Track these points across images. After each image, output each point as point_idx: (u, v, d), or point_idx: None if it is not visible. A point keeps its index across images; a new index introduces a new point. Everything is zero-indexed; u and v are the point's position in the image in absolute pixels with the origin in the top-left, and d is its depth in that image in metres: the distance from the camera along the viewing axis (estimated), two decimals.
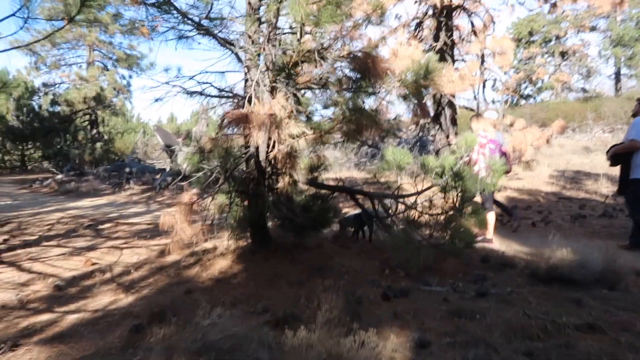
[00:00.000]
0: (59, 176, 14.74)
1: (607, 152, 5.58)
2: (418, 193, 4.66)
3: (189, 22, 4.56)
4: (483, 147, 5.59)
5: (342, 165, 16.09)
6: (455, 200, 4.14)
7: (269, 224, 4.83)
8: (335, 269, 4.06)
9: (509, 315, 3.00)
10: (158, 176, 13.46)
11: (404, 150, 4.82)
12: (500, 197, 8.50)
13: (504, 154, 5.70)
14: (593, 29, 27.69)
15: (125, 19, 17.52)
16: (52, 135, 18.56)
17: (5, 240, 6.09)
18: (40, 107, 19.02)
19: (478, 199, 5.36)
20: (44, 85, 19.33)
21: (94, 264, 4.83)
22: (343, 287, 3.31)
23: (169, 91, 4.93)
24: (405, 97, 4.30)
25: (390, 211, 4.64)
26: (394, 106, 4.73)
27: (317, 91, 5.22)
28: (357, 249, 4.85)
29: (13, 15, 3.26)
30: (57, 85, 19.62)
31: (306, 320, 2.91)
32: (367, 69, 4.01)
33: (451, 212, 4.15)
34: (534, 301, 3.33)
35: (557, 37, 29.04)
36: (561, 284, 3.65)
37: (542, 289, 3.59)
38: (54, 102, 19.04)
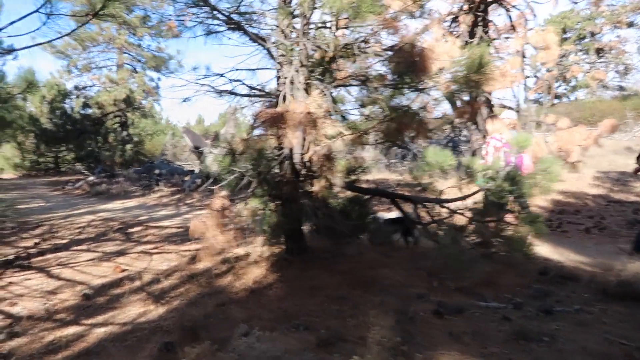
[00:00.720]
0: (91, 178, 14.88)
1: (639, 157, 5.11)
2: (464, 197, 4.30)
3: (219, 15, 4.34)
4: (498, 150, 5.30)
5: (372, 166, 15.71)
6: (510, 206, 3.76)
7: (304, 228, 4.56)
8: (378, 281, 3.73)
9: (584, 339, 2.64)
10: (187, 178, 13.40)
11: (446, 151, 4.48)
12: (545, 200, 7.99)
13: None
14: (630, 24, 26.42)
15: (153, 21, 17.63)
16: (84, 138, 18.86)
17: (35, 244, 6.02)
18: (72, 109, 19.36)
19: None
20: (76, 88, 19.62)
21: (123, 270, 4.65)
22: (391, 303, 3.00)
23: (198, 90, 4.73)
24: (454, 94, 3.94)
25: (433, 217, 4.29)
26: (440, 104, 4.38)
27: (352, 89, 4.92)
28: (399, 257, 4.51)
29: (36, 11, 3.09)
30: (88, 88, 19.91)
31: (353, 342, 2.62)
32: (413, 62, 3.67)
33: (506, 219, 3.78)
34: (608, 322, 2.95)
35: (592, 34, 27.83)
36: (637, 302, 3.23)
37: (616, 307, 3.18)
38: (85, 105, 19.36)
